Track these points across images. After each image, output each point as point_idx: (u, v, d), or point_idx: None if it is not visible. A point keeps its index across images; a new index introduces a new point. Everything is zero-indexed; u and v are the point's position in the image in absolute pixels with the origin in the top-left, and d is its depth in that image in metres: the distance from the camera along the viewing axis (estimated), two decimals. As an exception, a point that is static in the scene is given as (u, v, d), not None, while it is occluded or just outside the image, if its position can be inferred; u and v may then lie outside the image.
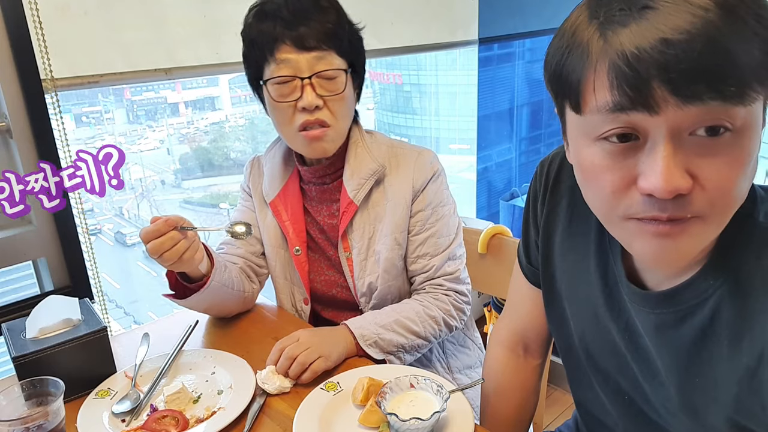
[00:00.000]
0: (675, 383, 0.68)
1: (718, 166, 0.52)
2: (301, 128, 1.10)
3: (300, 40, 1.06)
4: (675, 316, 0.65)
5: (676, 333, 0.65)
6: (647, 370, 0.71)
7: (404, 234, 1.18)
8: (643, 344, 0.71)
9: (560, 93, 0.60)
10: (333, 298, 1.25)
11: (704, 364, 0.64)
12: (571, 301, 0.82)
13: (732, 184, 0.53)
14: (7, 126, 1.31)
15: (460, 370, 1.27)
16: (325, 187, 1.21)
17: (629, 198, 0.56)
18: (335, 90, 1.10)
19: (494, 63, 2.49)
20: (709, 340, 0.63)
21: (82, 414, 0.94)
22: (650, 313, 0.68)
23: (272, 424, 0.93)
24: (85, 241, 1.45)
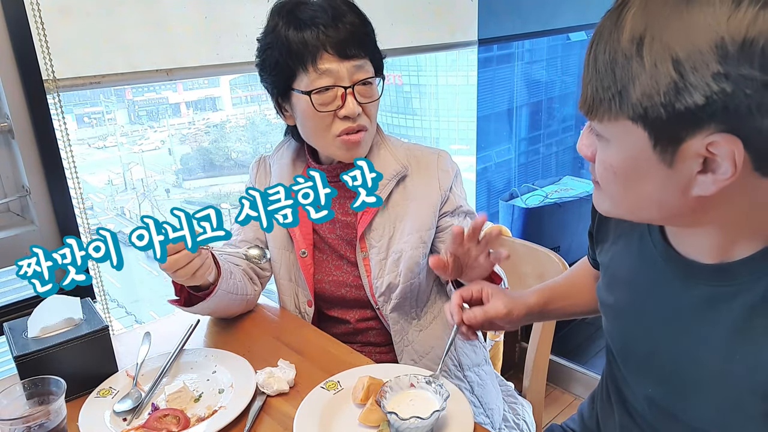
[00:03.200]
0: (714, 363, 0.68)
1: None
2: (341, 133, 1.11)
3: (342, 49, 1.07)
4: (731, 289, 0.65)
5: (728, 307, 0.66)
6: (683, 350, 0.72)
7: (431, 232, 1.19)
8: (680, 325, 0.71)
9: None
10: (341, 298, 1.25)
11: (749, 344, 0.64)
12: (614, 284, 0.83)
13: None
14: (8, 126, 1.32)
15: (470, 367, 1.27)
16: (339, 184, 1.22)
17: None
18: (372, 96, 1.12)
19: (494, 64, 2.50)
20: (759, 318, 0.64)
21: (84, 413, 0.94)
22: (705, 286, 0.68)
23: (273, 423, 0.94)
24: (87, 241, 1.45)
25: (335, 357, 1.10)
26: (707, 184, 0.57)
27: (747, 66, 0.50)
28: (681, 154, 0.56)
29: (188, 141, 5.14)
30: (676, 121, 0.54)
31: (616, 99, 0.57)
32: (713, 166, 0.56)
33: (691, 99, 0.52)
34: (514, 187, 2.79)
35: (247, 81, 4.22)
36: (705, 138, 0.54)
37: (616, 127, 0.59)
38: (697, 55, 0.51)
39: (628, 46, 0.55)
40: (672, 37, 0.52)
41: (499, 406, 1.26)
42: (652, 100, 0.54)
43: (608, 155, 0.63)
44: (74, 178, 1.40)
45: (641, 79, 0.54)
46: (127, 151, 5.40)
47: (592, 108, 0.60)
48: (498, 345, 1.59)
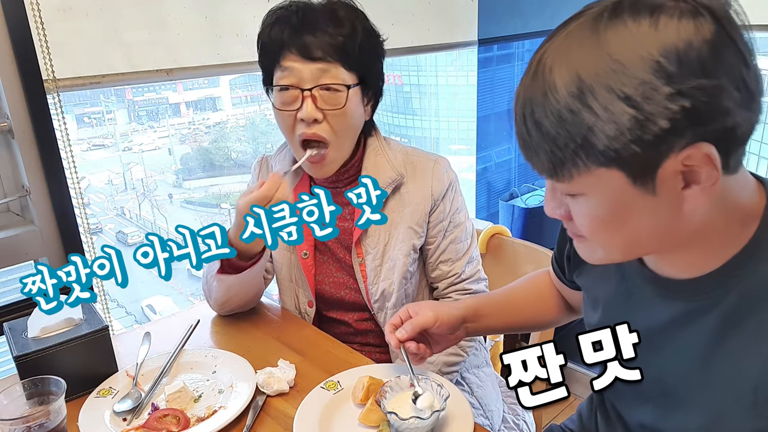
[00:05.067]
0: (696, 377, 0.68)
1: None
2: (302, 144, 1.11)
3: (305, 50, 1.05)
4: (705, 303, 0.66)
5: (705, 320, 0.66)
6: (667, 367, 0.72)
7: (421, 240, 1.19)
8: (659, 340, 0.72)
9: None
10: (341, 300, 1.25)
11: (728, 355, 0.65)
12: (597, 306, 0.84)
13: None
14: (8, 126, 1.32)
15: (468, 369, 1.28)
16: (338, 190, 1.22)
17: None
18: (336, 104, 1.08)
19: (494, 64, 2.50)
20: (734, 330, 0.64)
21: (84, 413, 0.94)
22: (681, 302, 0.68)
23: (273, 423, 0.94)
24: (87, 241, 1.45)
25: (335, 357, 1.10)
26: (695, 197, 0.57)
27: (692, 77, 0.51)
28: (661, 179, 0.56)
29: (188, 141, 5.15)
30: (649, 152, 0.54)
31: (580, 153, 0.56)
32: (694, 177, 0.56)
33: (657, 126, 0.52)
34: (514, 187, 2.78)
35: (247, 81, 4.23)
36: (678, 155, 0.54)
37: (588, 178, 0.58)
38: (642, 86, 0.51)
39: (569, 102, 0.54)
40: (609, 77, 0.52)
41: (498, 407, 1.26)
42: (619, 141, 0.54)
43: (590, 208, 0.61)
44: (74, 178, 1.40)
45: (599, 126, 0.54)
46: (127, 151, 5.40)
47: (556, 171, 0.59)
48: (498, 345, 1.59)
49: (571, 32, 0.56)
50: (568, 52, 0.55)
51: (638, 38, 0.52)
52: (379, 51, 1.15)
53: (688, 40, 0.51)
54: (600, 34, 0.53)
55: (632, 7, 0.53)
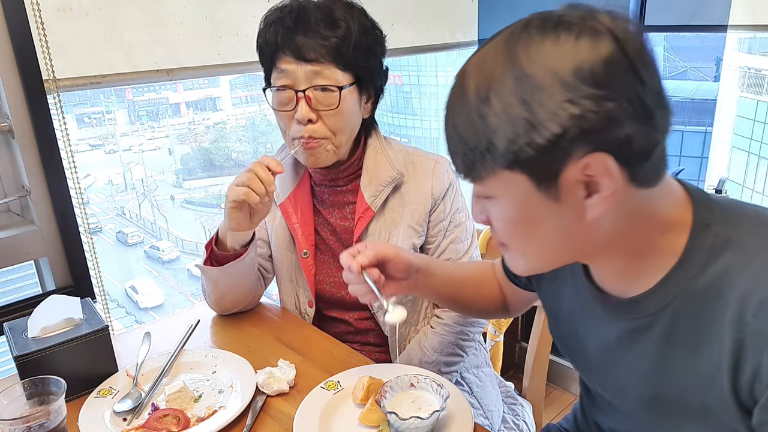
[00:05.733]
0: (648, 392, 0.71)
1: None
2: (297, 137, 1.11)
3: (298, 52, 1.06)
4: (643, 321, 0.69)
5: (647, 337, 0.69)
6: (623, 382, 0.75)
7: (421, 239, 1.20)
8: (615, 353, 0.74)
9: None
10: (341, 299, 1.25)
11: (672, 369, 0.67)
12: (559, 319, 0.86)
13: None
14: (9, 126, 1.32)
15: (468, 369, 1.28)
16: (338, 189, 1.22)
17: None
18: (331, 105, 1.09)
19: (494, 64, 2.50)
20: (671, 345, 0.67)
21: (84, 413, 0.94)
22: (624, 320, 0.71)
23: (273, 423, 0.94)
24: (87, 241, 1.45)
25: (335, 357, 1.10)
26: (596, 206, 0.60)
27: (584, 88, 0.55)
28: (563, 186, 0.59)
29: (188, 141, 5.15)
30: (544, 156, 0.57)
31: (487, 154, 0.60)
32: (595, 188, 0.59)
33: (548, 131, 0.56)
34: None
35: (247, 81, 4.22)
36: (578, 162, 0.57)
37: (497, 181, 0.62)
38: (538, 92, 0.56)
39: (478, 106, 0.59)
40: (512, 84, 0.57)
41: (498, 408, 1.27)
42: (516, 144, 0.58)
43: (501, 210, 0.65)
44: (74, 178, 1.40)
45: (501, 129, 0.58)
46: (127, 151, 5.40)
47: (470, 171, 0.64)
48: (498, 345, 1.59)
49: (489, 45, 0.61)
50: (483, 62, 0.61)
51: (541, 51, 0.57)
52: (377, 48, 1.14)
53: (584, 56, 0.55)
54: (510, 46, 0.59)
55: (541, 23, 0.59)
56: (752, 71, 7.67)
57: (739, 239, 0.62)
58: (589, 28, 0.56)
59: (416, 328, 1.25)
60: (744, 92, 7.83)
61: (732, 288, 0.61)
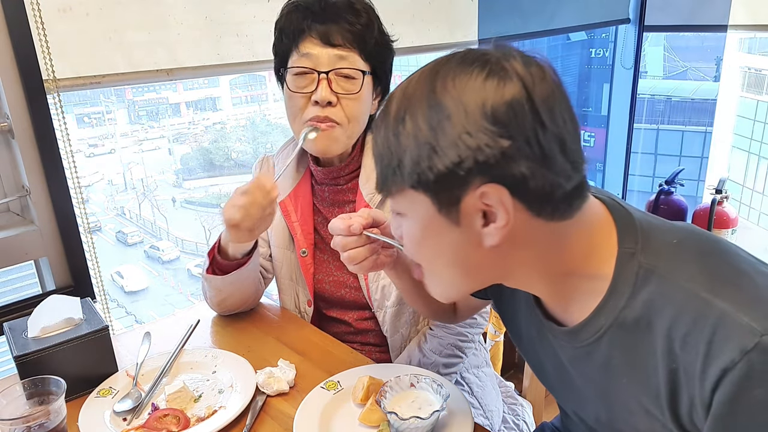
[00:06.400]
0: (603, 415, 0.72)
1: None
2: (312, 119, 1.11)
3: (326, 36, 1.08)
4: (583, 350, 0.69)
5: (588, 365, 0.70)
6: (578, 405, 0.77)
7: None
8: (569, 375, 0.75)
9: None
10: (341, 298, 1.25)
11: (615, 396, 0.68)
12: (520, 338, 0.87)
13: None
14: (9, 126, 1.32)
15: (468, 369, 1.28)
16: (338, 188, 1.22)
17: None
18: (352, 89, 1.10)
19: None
20: (611, 374, 0.67)
21: (84, 413, 0.94)
22: (567, 347, 0.72)
23: (273, 423, 0.94)
24: (87, 241, 1.45)
25: (335, 357, 1.10)
26: (492, 235, 0.62)
27: (485, 122, 0.58)
28: (463, 212, 0.62)
29: (188, 141, 5.13)
30: (444, 181, 0.61)
31: (397, 172, 0.63)
32: (492, 217, 0.61)
33: (447, 159, 0.59)
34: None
35: (247, 81, 4.23)
36: (475, 191, 0.60)
37: (404, 198, 0.65)
38: (446, 120, 0.59)
39: (394, 126, 0.63)
40: (425, 111, 0.61)
41: (498, 408, 1.26)
42: (419, 167, 0.61)
43: (409, 228, 0.68)
44: (74, 178, 1.40)
45: (410, 150, 0.62)
46: (127, 151, 5.38)
47: (384, 186, 0.67)
48: (498, 345, 1.59)
49: (418, 72, 0.65)
50: (407, 87, 0.64)
51: (455, 83, 0.60)
52: (391, 47, 1.17)
53: (489, 94, 0.58)
54: (432, 75, 0.62)
55: (463, 57, 0.62)
56: (752, 71, 7.64)
57: (661, 268, 0.62)
58: (501, 69, 0.59)
59: (417, 328, 1.25)
60: (744, 92, 7.80)
61: (658, 320, 0.61)
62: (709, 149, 6.88)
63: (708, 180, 4.09)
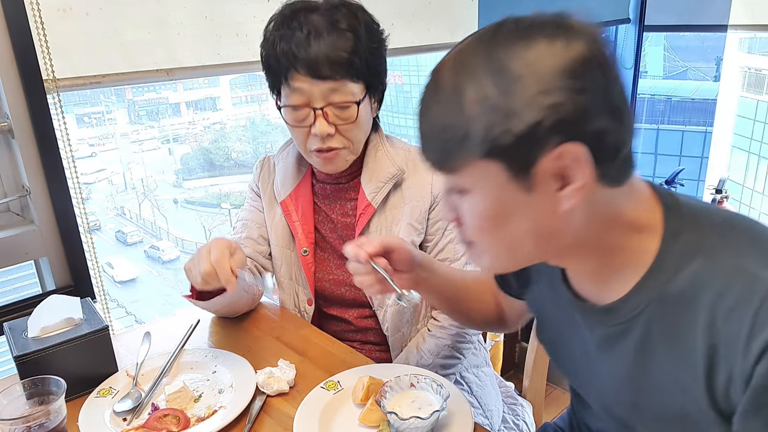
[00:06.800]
0: (628, 397, 0.72)
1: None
2: (315, 150, 1.12)
3: (313, 70, 1.04)
4: (619, 328, 0.69)
5: (622, 344, 0.70)
6: (604, 387, 0.76)
7: (420, 236, 1.20)
8: (596, 358, 0.75)
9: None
10: (341, 297, 1.25)
11: (648, 375, 0.68)
12: (543, 324, 0.87)
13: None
14: (8, 126, 1.32)
15: (468, 369, 1.28)
16: (340, 186, 1.22)
17: None
18: (348, 119, 1.10)
19: (494, 63, 2.50)
20: (647, 352, 0.67)
21: (84, 413, 0.94)
22: (600, 327, 0.72)
23: (273, 423, 0.94)
24: (87, 241, 1.45)
25: (335, 357, 1.10)
26: (569, 197, 0.61)
27: (560, 80, 0.57)
28: (537, 176, 0.60)
29: (188, 141, 5.13)
30: (520, 144, 0.59)
31: (464, 143, 0.61)
32: (568, 179, 0.60)
33: (525, 120, 0.58)
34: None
35: (247, 81, 4.23)
36: (551, 152, 0.59)
37: (472, 171, 0.63)
38: (514, 85, 0.58)
39: (453, 98, 0.61)
40: (490, 77, 0.59)
41: (498, 407, 1.26)
42: (492, 133, 0.59)
43: (474, 204, 0.65)
44: (74, 178, 1.40)
45: (478, 118, 0.59)
46: (127, 151, 5.39)
47: (445, 162, 0.65)
48: (498, 345, 1.59)
49: (464, 45, 0.64)
50: (459, 59, 0.63)
51: (516, 49, 0.59)
52: (383, 50, 1.15)
53: (559, 53, 0.58)
54: (486, 45, 0.62)
55: (514, 26, 0.61)
56: (752, 71, 7.64)
57: (708, 245, 0.63)
58: (565, 28, 0.59)
59: (416, 328, 1.25)
60: (744, 92, 7.79)
61: (702, 294, 0.61)
62: (709, 149, 6.87)
63: (708, 180, 4.10)
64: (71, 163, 1.39)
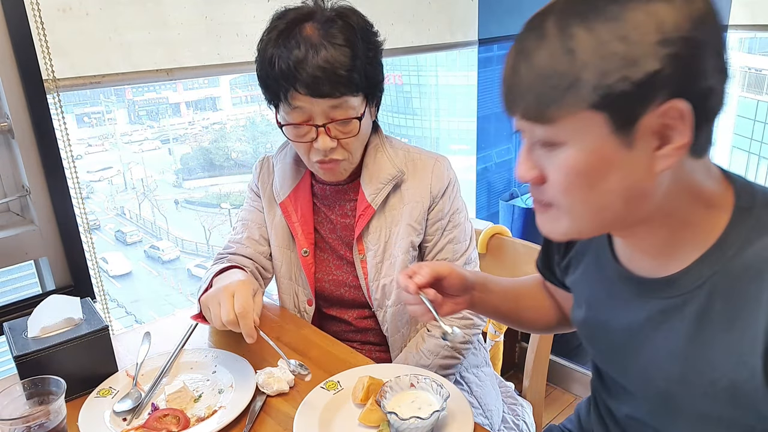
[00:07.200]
0: (675, 372, 0.71)
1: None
2: (317, 162, 1.12)
3: (313, 88, 1.03)
4: (679, 300, 0.69)
5: (680, 316, 0.69)
6: (648, 363, 0.74)
7: (420, 237, 1.20)
8: (642, 334, 0.74)
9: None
10: (340, 297, 1.26)
11: (703, 347, 0.67)
12: (581, 304, 0.86)
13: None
14: (8, 126, 1.32)
15: (467, 369, 1.28)
16: (339, 187, 1.22)
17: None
18: (350, 133, 1.10)
19: (494, 63, 2.50)
20: (705, 324, 0.67)
21: (84, 413, 0.95)
22: (657, 300, 0.71)
23: (273, 423, 0.94)
24: (87, 241, 1.45)
25: (335, 357, 1.10)
26: (668, 156, 0.60)
27: (680, 32, 0.56)
28: (638, 133, 0.59)
29: (188, 141, 5.15)
30: (633, 95, 0.58)
31: (571, 91, 0.59)
32: (667, 138, 0.60)
33: (645, 67, 0.57)
34: (515, 187, 2.78)
35: (247, 81, 4.22)
36: (658, 108, 0.58)
37: (573, 122, 0.61)
38: (634, 32, 0.57)
39: (562, 43, 0.59)
40: (607, 23, 0.57)
41: (498, 407, 1.26)
42: (607, 79, 0.57)
43: (567, 159, 0.63)
44: (74, 178, 1.40)
45: (592, 65, 0.58)
46: (127, 151, 5.40)
47: (543, 111, 0.62)
48: (498, 345, 1.59)
49: None
50: (570, 5, 0.60)
51: (634, 1, 0.58)
52: (379, 57, 1.14)
53: (680, 5, 0.57)
54: None
55: None
56: (752, 71, 7.62)
57: None
58: None
59: (416, 328, 1.25)
60: (744, 92, 7.77)
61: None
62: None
63: (708, 180, 4.08)
64: (71, 163, 1.39)
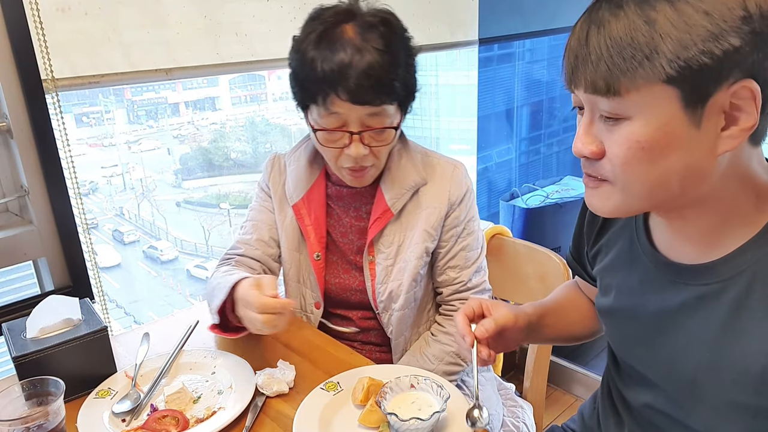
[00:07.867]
0: (705, 359, 0.70)
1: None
2: (346, 167, 1.11)
3: (355, 95, 1.01)
4: (717, 286, 0.69)
5: (717, 303, 0.69)
6: (677, 349, 0.74)
7: (434, 243, 1.19)
8: (674, 322, 0.74)
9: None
10: (346, 300, 1.25)
11: (739, 335, 0.67)
12: (608, 293, 0.85)
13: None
14: (7, 126, 1.31)
15: (468, 372, 1.27)
16: (356, 189, 1.21)
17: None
18: (383, 141, 1.10)
19: (494, 63, 2.50)
20: (743, 311, 0.66)
21: (83, 414, 0.94)
22: (694, 286, 0.71)
23: (272, 424, 0.93)
24: (86, 241, 1.45)
25: (335, 358, 1.10)
26: (733, 138, 0.61)
27: (761, 12, 0.57)
28: (708, 111, 0.60)
29: (187, 141, 5.14)
30: (712, 70, 0.58)
31: (646, 63, 0.59)
32: (733, 119, 0.60)
33: (728, 42, 0.57)
34: (515, 187, 2.78)
35: (247, 81, 4.23)
36: (729, 88, 0.58)
37: (644, 95, 0.60)
38: (721, 5, 0.57)
39: (642, 12, 0.59)
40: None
41: (498, 411, 1.26)
42: (689, 52, 0.57)
43: (633, 132, 0.62)
44: (73, 178, 1.40)
45: (673, 36, 0.58)
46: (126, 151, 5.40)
47: (614, 82, 0.61)
48: (498, 345, 1.59)
49: None
50: None
51: None
52: (415, 65, 1.14)
53: None
54: None
55: None
56: None
57: None
58: None
59: (418, 331, 1.24)
60: None
61: None
62: (709, 149, 6.90)
63: (708, 180, 4.09)
64: (70, 163, 1.39)
